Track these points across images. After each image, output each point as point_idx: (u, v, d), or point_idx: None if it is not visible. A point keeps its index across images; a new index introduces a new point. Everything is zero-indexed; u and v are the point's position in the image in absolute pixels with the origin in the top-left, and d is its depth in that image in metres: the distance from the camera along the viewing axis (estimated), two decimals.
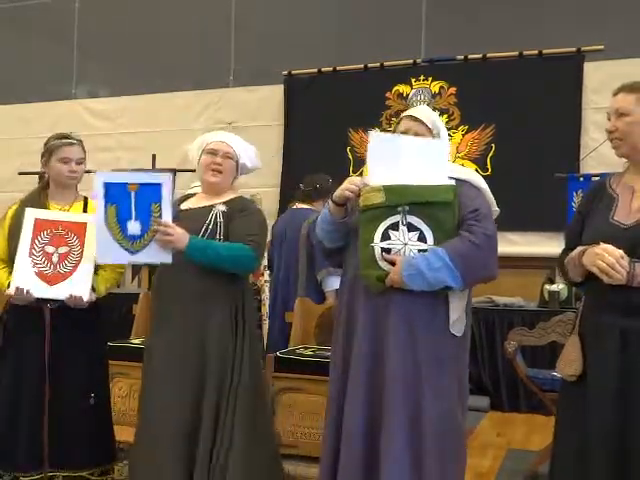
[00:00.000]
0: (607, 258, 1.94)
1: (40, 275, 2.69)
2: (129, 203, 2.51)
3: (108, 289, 2.86)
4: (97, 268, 2.79)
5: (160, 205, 2.49)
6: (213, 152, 2.72)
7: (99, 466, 2.79)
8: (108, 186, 2.51)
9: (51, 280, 2.69)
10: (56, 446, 2.70)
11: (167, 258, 2.53)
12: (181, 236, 2.50)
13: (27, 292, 2.65)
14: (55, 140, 2.81)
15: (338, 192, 2.34)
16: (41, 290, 2.68)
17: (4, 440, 2.71)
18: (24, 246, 2.70)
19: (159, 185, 2.50)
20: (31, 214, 2.73)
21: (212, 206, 2.69)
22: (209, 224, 2.63)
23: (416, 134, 2.35)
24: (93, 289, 2.76)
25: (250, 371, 2.65)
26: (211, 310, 2.62)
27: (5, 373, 2.76)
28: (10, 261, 2.74)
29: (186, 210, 2.74)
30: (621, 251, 1.95)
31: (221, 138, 2.77)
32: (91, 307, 2.75)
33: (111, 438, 2.92)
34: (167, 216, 2.51)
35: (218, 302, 2.63)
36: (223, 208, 2.67)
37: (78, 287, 2.69)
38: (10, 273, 2.71)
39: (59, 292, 2.69)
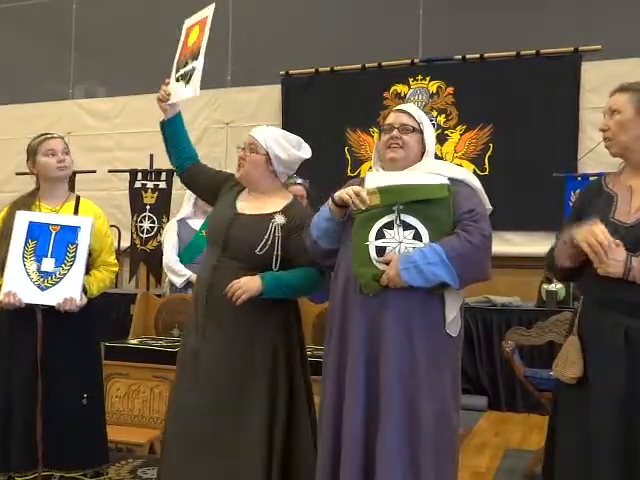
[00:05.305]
0: (600, 236, 1.88)
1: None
2: (48, 241, 2.69)
3: (101, 289, 2.83)
4: (89, 268, 2.78)
5: (76, 246, 2.69)
6: (242, 148, 2.65)
7: (91, 467, 2.76)
8: (31, 224, 2.69)
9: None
10: (50, 446, 2.67)
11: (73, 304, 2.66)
12: (251, 284, 2.44)
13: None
14: (35, 140, 2.81)
15: (338, 194, 2.30)
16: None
17: None
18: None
19: (78, 228, 2.70)
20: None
21: (270, 216, 2.55)
22: (268, 238, 2.51)
23: (402, 124, 2.35)
24: (85, 291, 2.73)
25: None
26: (262, 319, 2.55)
27: None
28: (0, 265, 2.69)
29: (241, 214, 2.59)
30: (618, 241, 1.91)
31: (251, 132, 2.68)
32: (84, 307, 2.72)
33: (104, 439, 2.88)
34: (82, 256, 2.69)
35: (270, 311, 2.55)
36: (282, 221, 2.54)
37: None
38: (0, 277, 2.68)
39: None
